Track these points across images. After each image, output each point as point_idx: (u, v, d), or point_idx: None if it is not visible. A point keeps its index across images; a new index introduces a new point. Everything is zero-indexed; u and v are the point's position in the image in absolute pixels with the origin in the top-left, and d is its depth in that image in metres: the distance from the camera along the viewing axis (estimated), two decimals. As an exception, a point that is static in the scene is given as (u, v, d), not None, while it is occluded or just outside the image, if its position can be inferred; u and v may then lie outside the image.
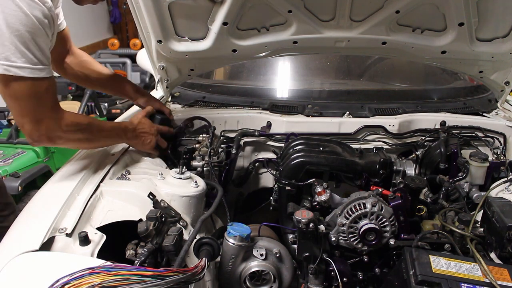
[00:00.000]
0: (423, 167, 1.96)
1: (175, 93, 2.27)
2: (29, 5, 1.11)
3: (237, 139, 2.01)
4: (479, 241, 1.38)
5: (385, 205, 1.47)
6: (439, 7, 1.66)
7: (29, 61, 1.15)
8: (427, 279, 1.17)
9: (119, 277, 0.97)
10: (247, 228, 1.45)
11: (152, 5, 1.63)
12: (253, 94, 2.25)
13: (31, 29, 1.13)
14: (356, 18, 1.73)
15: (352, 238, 1.48)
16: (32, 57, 1.16)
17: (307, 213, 1.39)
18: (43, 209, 1.23)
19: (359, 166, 1.68)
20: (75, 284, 0.92)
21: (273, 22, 1.77)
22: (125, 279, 0.97)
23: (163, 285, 1.03)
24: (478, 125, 2.02)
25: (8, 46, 1.11)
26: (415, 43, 1.83)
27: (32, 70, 1.17)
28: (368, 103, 2.14)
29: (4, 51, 1.11)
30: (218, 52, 1.86)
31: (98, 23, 7.35)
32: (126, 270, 0.99)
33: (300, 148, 1.74)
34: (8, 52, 1.11)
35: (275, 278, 1.45)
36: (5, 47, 1.10)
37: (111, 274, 0.96)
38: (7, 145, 3.65)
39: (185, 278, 1.07)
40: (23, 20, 1.10)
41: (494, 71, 2.03)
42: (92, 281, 0.93)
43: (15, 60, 1.13)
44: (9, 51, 1.11)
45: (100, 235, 1.19)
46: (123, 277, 0.97)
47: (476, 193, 1.72)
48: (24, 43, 1.12)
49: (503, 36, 1.81)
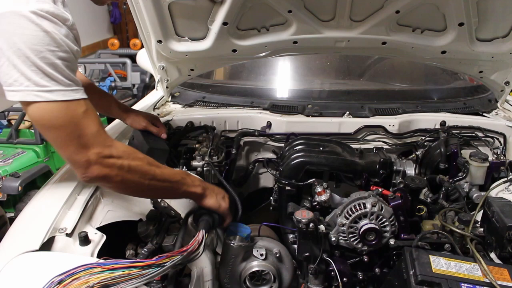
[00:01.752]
0: (423, 167, 1.96)
1: (175, 93, 2.28)
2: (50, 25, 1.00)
3: (237, 139, 2.01)
4: (479, 241, 1.38)
5: (385, 205, 1.47)
6: (439, 7, 1.66)
7: (60, 83, 1.02)
8: (427, 279, 1.16)
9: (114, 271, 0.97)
10: (247, 228, 1.45)
11: (152, 5, 1.63)
12: (253, 94, 2.25)
13: (55, 48, 1.00)
14: (356, 18, 1.73)
15: (352, 238, 1.48)
16: (63, 78, 1.02)
17: (307, 213, 1.39)
18: (43, 209, 1.23)
19: (359, 166, 1.68)
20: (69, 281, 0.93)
21: (273, 22, 1.77)
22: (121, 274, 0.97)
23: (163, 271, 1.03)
24: (478, 125, 2.02)
25: (35, 70, 0.98)
26: (415, 43, 1.83)
27: (65, 93, 1.03)
28: (368, 103, 2.14)
29: (31, 76, 0.98)
30: (218, 52, 1.86)
31: (98, 23, 7.34)
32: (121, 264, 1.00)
33: (300, 148, 1.74)
34: (36, 77, 0.99)
35: (275, 278, 1.45)
36: (32, 72, 0.98)
37: (106, 268, 0.97)
38: (7, 145, 3.65)
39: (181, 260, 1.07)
40: (45, 40, 0.98)
41: (494, 71, 2.03)
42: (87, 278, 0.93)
43: (45, 84, 1.00)
44: (37, 75, 0.98)
45: (100, 235, 1.19)
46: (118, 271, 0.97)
47: (476, 193, 1.72)
48: (51, 65, 1.00)
49: (503, 36, 1.81)
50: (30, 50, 0.97)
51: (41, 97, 1.00)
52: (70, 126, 1.04)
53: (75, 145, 1.05)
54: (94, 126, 1.08)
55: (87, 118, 1.07)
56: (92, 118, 1.08)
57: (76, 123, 1.05)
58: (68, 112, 1.04)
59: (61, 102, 1.02)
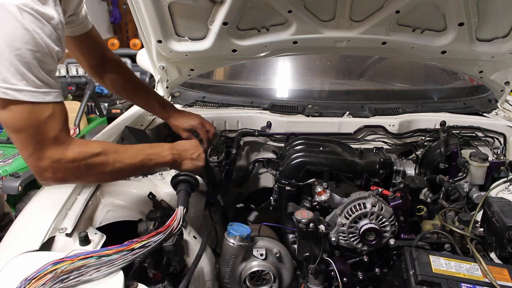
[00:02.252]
0: (423, 167, 1.96)
1: (175, 93, 2.27)
2: (34, 22, 0.97)
3: (237, 139, 2.01)
4: (479, 241, 1.38)
5: (385, 205, 1.47)
6: (439, 7, 1.66)
7: (31, 84, 1.00)
8: (427, 279, 1.17)
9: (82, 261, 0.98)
10: (247, 228, 1.45)
11: (152, 5, 1.63)
12: (253, 94, 2.25)
13: (33, 47, 0.98)
14: (356, 18, 1.73)
15: (352, 238, 1.48)
16: (35, 79, 1.00)
17: (307, 213, 1.39)
18: (43, 209, 1.23)
19: (359, 166, 1.68)
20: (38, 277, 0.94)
21: (273, 22, 1.77)
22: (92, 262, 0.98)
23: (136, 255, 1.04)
24: (478, 125, 2.02)
25: (8, 66, 0.96)
26: (415, 43, 1.83)
27: (34, 94, 1.01)
28: (368, 103, 2.14)
29: (2, 71, 0.96)
30: (218, 52, 1.86)
31: (98, 23, 7.34)
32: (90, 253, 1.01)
33: (300, 148, 1.74)
34: (8, 74, 0.97)
35: (275, 278, 1.45)
36: (4, 68, 0.96)
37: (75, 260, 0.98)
38: (7, 145, 3.65)
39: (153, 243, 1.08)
40: (24, 37, 0.96)
41: (494, 71, 2.03)
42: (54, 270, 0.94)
43: (15, 83, 0.98)
44: (9, 72, 0.97)
45: (100, 235, 1.19)
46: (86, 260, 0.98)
47: (476, 193, 1.72)
48: (25, 64, 0.98)
49: (503, 36, 1.81)
50: (6, 46, 0.95)
51: (8, 94, 0.98)
52: (30, 130, 1.03)
53: (31, 150, 1.05)
54: (54, 131, 1.06)
55: (49, 123, 1.05)
56: (56, 122, 1.07)
57: (37, 127, 1.04)
58: (31, 115, 1.02)
59: (28, 104, 1.01)
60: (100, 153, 1.16)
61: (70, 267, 0.97)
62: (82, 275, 0.98)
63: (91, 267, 0.99)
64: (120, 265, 1.02)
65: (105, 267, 1.00)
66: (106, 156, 1.17)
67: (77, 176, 1.16)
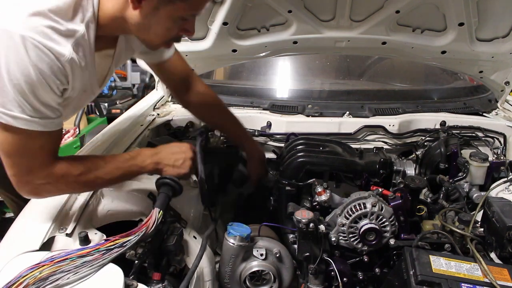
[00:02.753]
0: (423, 167, 1.96)
1: (175, 93, 2.27)
2: (37, 55, 0.97)
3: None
4: (479, 241, 1.38)
5: (385, 205, 1.47)
6: (439, 7, 1.66)
7: (26, 112, 1.00)
8: (427, 279, 1.16)
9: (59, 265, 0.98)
10: (247, 228, 1.45)
11: (152, 5, 1.62)
12: (253, 94, 2.25)
13: (32, 81, 0.98)
14: (356, 18, 1.73)
15: (352, 238, 1.48)
16: (30, 108, 1.01)
17: (307, 213, 1.39)
18: (43, 209, 1.23)
19: (359, 166, 1.68)
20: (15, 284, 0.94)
21: (273, 22, 1.77)
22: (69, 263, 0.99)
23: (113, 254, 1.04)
24: (478, 125, 2.02)
25: (6, 92, 0.97)
26: (415, 43, 1.83)
27: (27, 122, 1.01)
28: (368, 103, 2.14)
29: (1, 96, 0.98)
30: (218, 52, 1.86)
31: (98, 23, 7.35)
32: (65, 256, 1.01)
33: (300, 148, 1.74)
34: (5, 98, 0.98)
35: (275, 278, 1.45)
36: (3, 92, 0.98)
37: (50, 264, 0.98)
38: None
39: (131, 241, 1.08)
40: (24, 70, 0.97)
41: (494, 71, 2.03)
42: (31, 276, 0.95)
43: (11, 108, 0.99)
44: (6, 97, 0.98)
45: (100, 235, 1.19)
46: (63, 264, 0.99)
47: (476, 193, 1.72)
48: (22, 94, 0.98)
49: (503, 36, 1.81)
50: (6, 73, 0.96)
51: (2, 119, 1.00)
52: (20, 156, 1.06)
53: (17, 171, 1.08)
54: (42, 158, 1.08)
55: (39, 152, 1.07)
56: (46, 151, 1.09)
57: (26, 155, 1.06)
58: (23, 142, 1.04)
59: (21, 131, 1.02)
60: (82, 173, 1.16)
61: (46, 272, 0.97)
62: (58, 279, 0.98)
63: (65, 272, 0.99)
64: (97, 266, 1.02)
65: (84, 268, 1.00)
66: (87, 175, 1.17)
67: (59, 192, 1.20)
